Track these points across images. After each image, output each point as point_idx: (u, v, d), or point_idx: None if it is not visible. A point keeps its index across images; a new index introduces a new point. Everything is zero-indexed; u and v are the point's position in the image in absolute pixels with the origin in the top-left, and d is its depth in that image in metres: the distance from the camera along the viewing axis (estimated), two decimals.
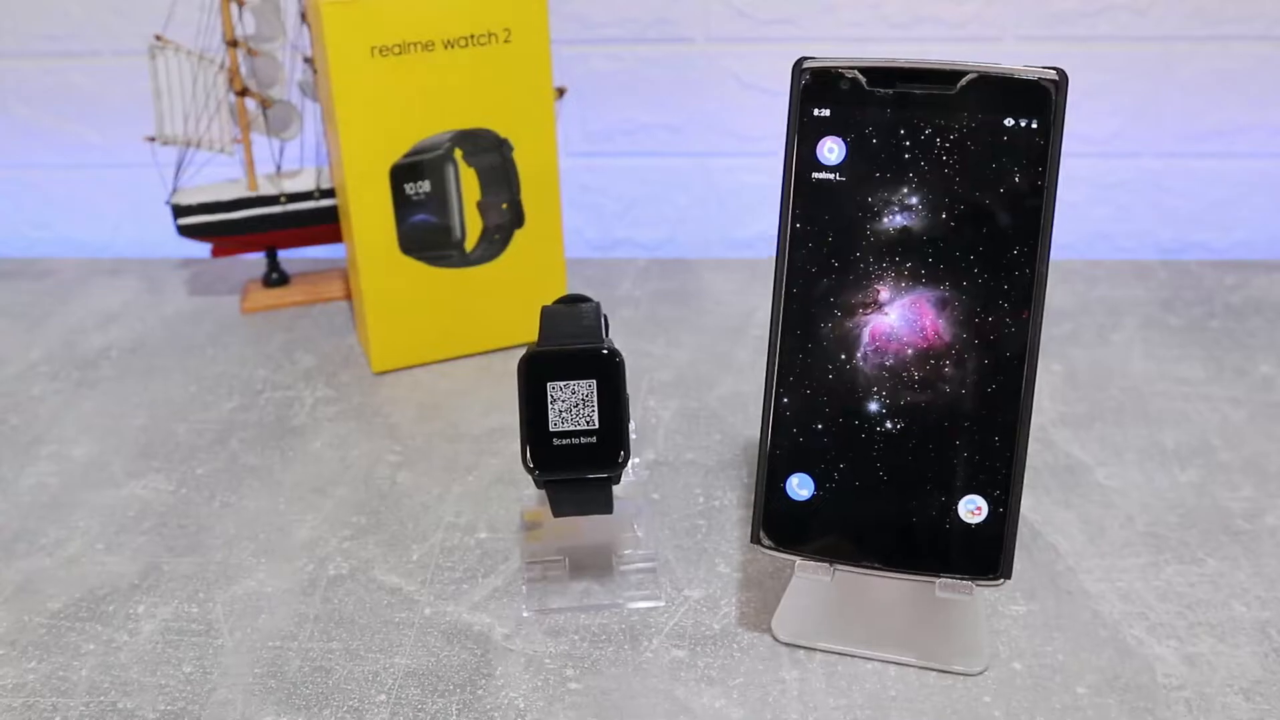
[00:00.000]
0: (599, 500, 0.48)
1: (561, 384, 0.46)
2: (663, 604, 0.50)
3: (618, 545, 0.52)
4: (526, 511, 0.54)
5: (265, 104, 0.76)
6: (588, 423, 0.46)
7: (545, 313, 0.49)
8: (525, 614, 0.49)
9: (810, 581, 0.45)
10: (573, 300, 0.51)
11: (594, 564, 0.52)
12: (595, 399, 0.46)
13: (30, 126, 0.89)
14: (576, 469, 0.46)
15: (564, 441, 0.46)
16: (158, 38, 0.74)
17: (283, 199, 0.77)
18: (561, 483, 0.47)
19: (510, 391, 0.48)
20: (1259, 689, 0.44)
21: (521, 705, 0.45)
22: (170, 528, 0.56)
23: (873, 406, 0.43)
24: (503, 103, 0.66)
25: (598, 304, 0.49)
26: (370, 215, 0.67)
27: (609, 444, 0.46)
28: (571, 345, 0.46)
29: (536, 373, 0.46)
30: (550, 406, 0.46)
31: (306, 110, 0.77)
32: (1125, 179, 0.85)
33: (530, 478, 0.47)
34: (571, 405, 0.46)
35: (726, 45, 0.83)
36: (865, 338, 0.43)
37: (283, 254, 0.81)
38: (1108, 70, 0.81)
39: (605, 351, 0.46)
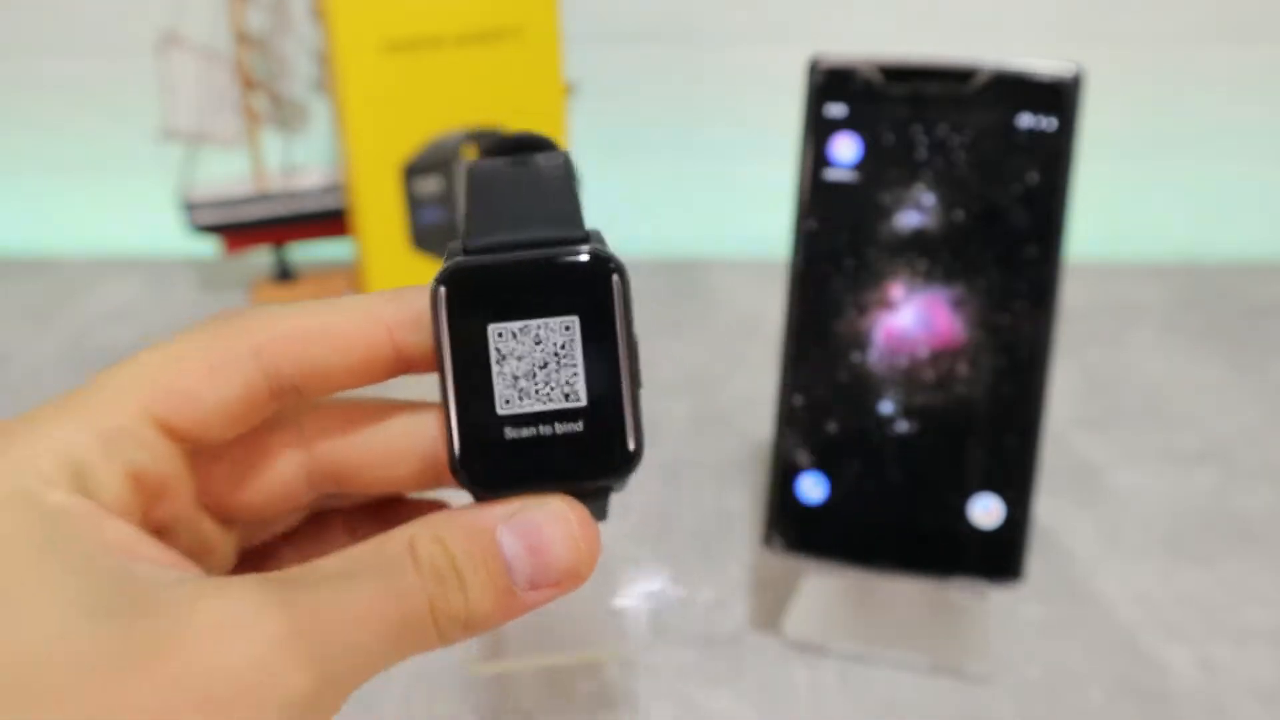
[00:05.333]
0: (594, 509, 0.28)
1: (516, 326, 0.25)
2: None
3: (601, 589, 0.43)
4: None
5: (275, 100, 0.76)
6: (566, 395, 0.25)
7: (476, 176, 0.27)
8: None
9: (822, 583, 0.45)
10: (521, 147, 0.28)
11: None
12: (579, 352, 0.25)
13: (39, 122, 0.89)
14: (548, 477, 0.26)
15: (524, 431, 0.25)
16: (168, 33, 0.74)
17: (292, 196, 0.77)
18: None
19: None
20: (1276, 695, 0.44)
21: (530, 706, 0.44)
22: None
23: (886, 407, 0.43)
24: (514, 100, 0.66)
25: (566, 155, 0.27)
26: (380, 212, 0.66)
27: (605, 430, 0.26)
28: (531, 248, 0.25)
29: (470, 307, 0.25)
30: (496, 368, 0.25)
31: (317, 106, 0.77)
32: (1143, 178, 0.85)
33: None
34: (536, 365, 0.25)
35: (740, 42, 0.83)
36: (879, 337, 0.43)
37: (292, 251, 0.81)
38: (1125, 68, 0.81)
39: (596, 259, 0.25)
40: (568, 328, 0.25)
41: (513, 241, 0.25)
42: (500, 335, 0.25)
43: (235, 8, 0.73)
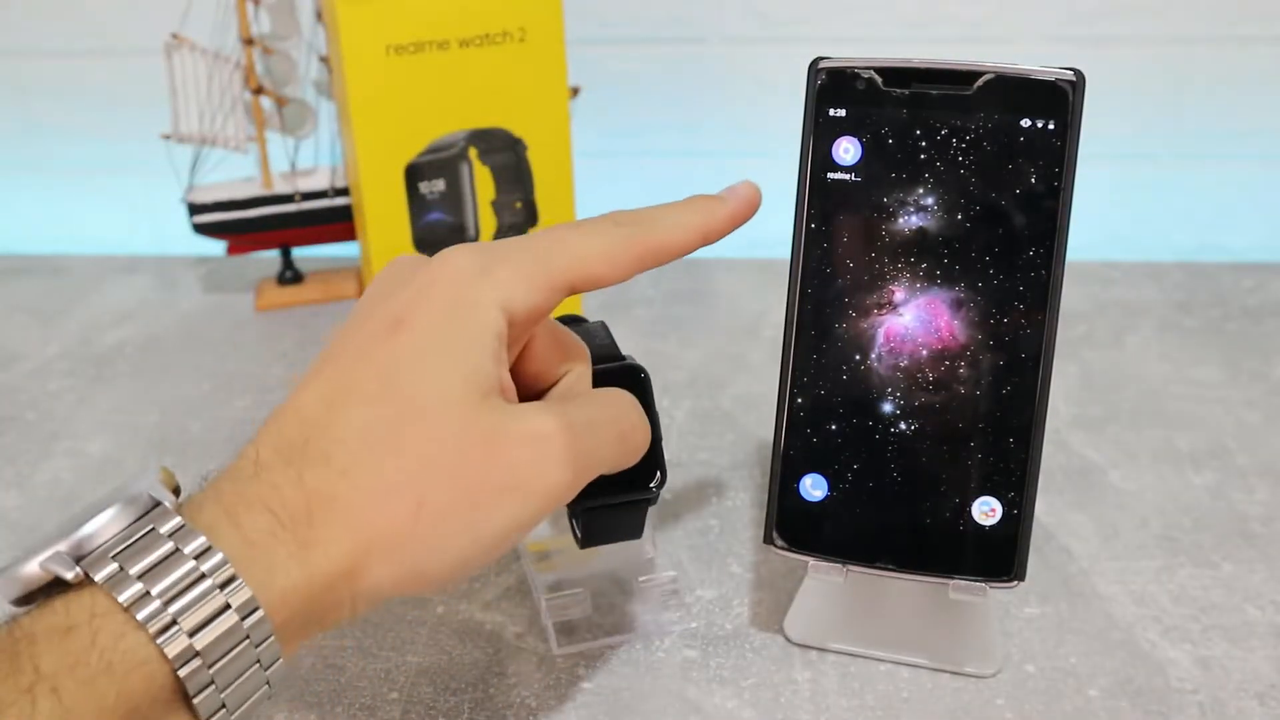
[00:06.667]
0: (632, 526, 0.45)
1: None
2: (694, 625, 0.48)
3: (635, 568, 0.50)
4: (531, 543, 0.51)
5: (280, 102, 0.76)
6: None
7: None
8: (556, 653, 0.47)
9: (823, 582, 0.45)
10: (572, 321, 0.47)
11: (614, 590, 0.50)
12: None
13: (47, 124, 0.90)
14: (614, 493, 0.43)
15: None
16: (174, 36, 0.74)
17: (297, 197, 0.77)
18: (594, 510, 0.44)
19: None
20: (1273, 693, 0.44)
21: (533, 704, 0.45)
22: None
23: (887, 407, 0.43)
24: (517, 102, 0.66)
25: (603, 322, 0.47)
26: (384, 214, 0.67)
27: (645, 464, 0.42)
28: (594, 365, 0.43)
29: None
30: None
31: (321, 109, 0.78)
32: (1142, 180, 0.85)
33: (565, 510, 0.44)
34: None
35: (741, 45, 0.83)
36: (880, 338, 0.43)
37: (297, 252, 0.81)
38: (1125, 71, 0.81)
39: (632, 367, 0.43)
40: None
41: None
42: None
43: (242, 10, 0.74)
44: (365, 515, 0.32)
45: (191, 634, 0.30)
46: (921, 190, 0.42)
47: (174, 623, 0.29)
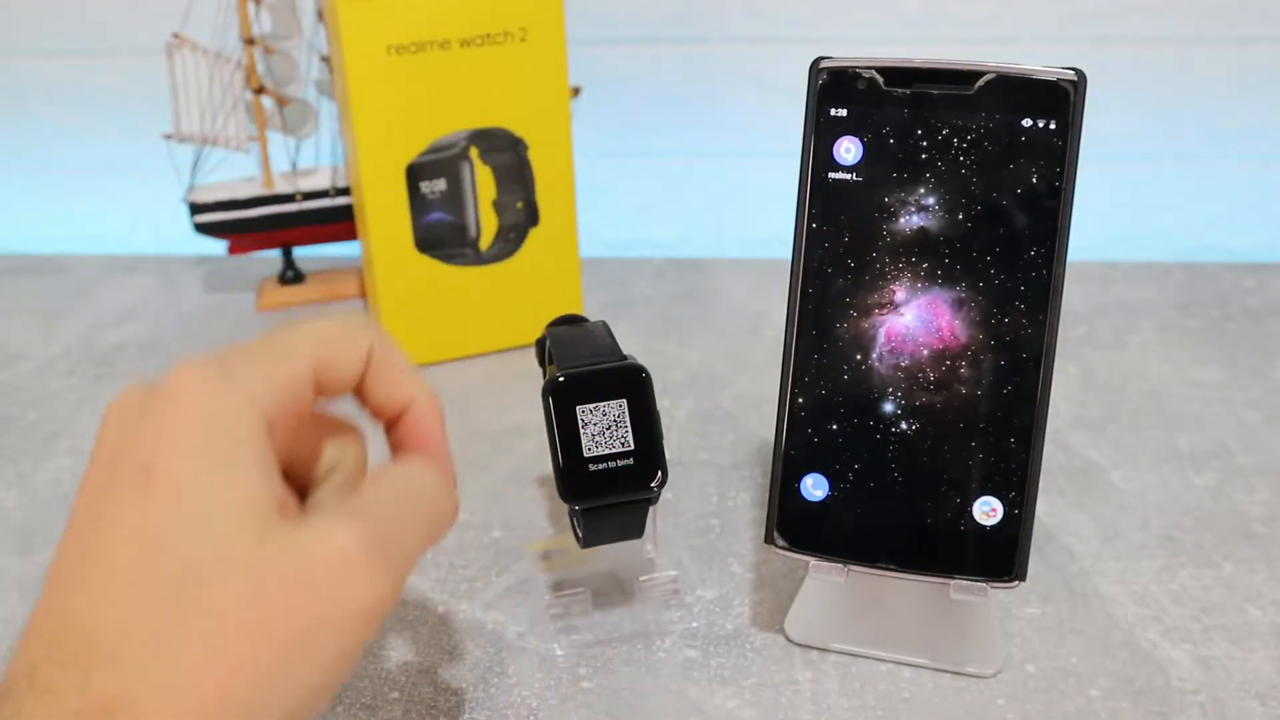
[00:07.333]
0: (632, 525, 0.46)
1: (591, 406, 0.43)
2: (695, 625, 0.49)
3: (636, 568, 0.50)
4: (531, 544, 0.52)
5: (281, 102, 0.76)
6: (623, 444, 0.44)
7: (554, 335, 0.46)
8: (557, 653, 0.47)
9: (824, 582, 0.45)
10: (572, 320, 0.49)
11: (615, 590, 0.50)
12: (628, 418, 0.44)
13: (48, 124, 0.90)
14: (616, 493, 0.44)
15: (600, 466, 0.44)
16: (175, 36, 0.74)
17: (299, 197, 0.77)
18: (595, 510, 0.44)
19: (524, 391, 0.48)
20: (1274, 693, 0.44)
21: (534, 704, 0.45)
22: None
23: (888, 407, 0.43)
24: (518, 102, 0.66)
25: (604, 321, 0.48)
26: (386, 213, 0.67)
27: (646, 463, 0.44)
28: (596, 365, 0.44)
29: (564, 397, 0.43)
30: (582, 431, 0.43)
31: (323, 108, 0.78)
32: (1143, 180, 0.85)
33: (566, 506, 0.45)
34: (604, 428, 0.44)
35: (743, 45, 0.83)
36: (881, 338, 0.43)
37: (298, 252, 0.81)
38: (1126, 71, 0.81)
39: (632, 367, 0.44)
40: (620, 405, 0.44)
41: (585, 364, 0.44)
42: (584, 411, 0.43)
43: (243, 10, 0.74)
44: (175, 713, 0.28)
45: None
46: (923, 190, 0.42)
47: None
